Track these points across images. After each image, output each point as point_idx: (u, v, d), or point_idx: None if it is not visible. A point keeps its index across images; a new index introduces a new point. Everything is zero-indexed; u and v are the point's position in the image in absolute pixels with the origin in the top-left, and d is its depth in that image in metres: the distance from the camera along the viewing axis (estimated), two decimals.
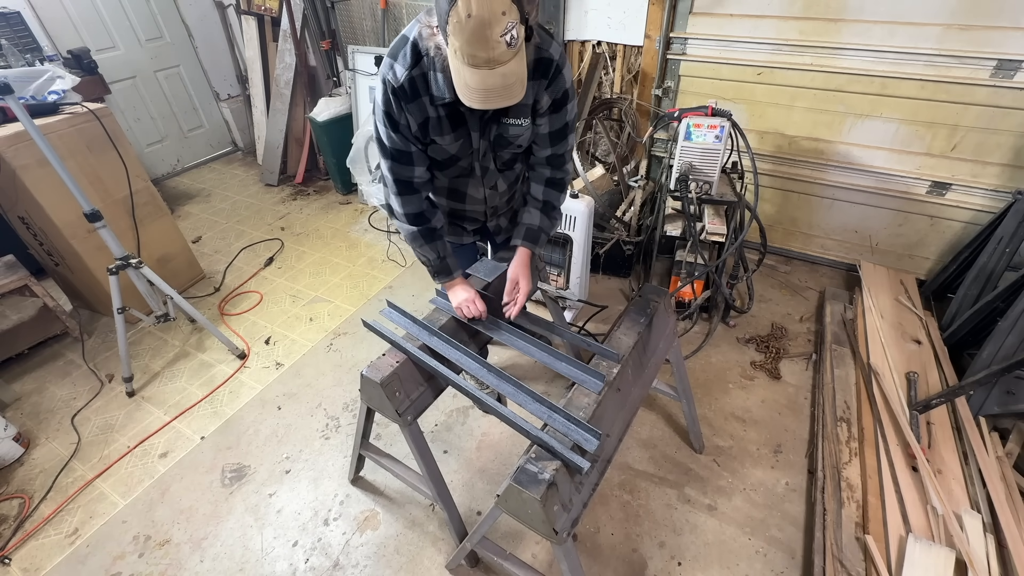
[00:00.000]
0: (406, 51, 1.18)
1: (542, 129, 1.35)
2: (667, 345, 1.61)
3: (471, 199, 1.53)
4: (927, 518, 1.60)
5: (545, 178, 1.48)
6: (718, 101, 2.37)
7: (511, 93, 1.05)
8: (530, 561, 1.66)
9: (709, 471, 1.94)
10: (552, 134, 1.37)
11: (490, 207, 1.57)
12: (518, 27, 0.98)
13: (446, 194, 1.53)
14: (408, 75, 1.18)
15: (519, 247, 1.52)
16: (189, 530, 1.82)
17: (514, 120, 1.30)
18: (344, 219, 3.73)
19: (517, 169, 1.54)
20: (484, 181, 1.47)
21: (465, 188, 1.50)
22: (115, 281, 2.18)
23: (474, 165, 1.41)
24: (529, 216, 1.52)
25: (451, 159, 1.36)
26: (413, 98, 1.22)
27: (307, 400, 2.30)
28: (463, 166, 1.40)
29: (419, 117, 1.25)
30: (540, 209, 1.51)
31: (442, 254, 1.47)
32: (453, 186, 1.50)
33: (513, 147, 1.37)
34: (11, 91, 1.72)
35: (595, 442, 1.11)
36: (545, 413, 1.21)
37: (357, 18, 3.63)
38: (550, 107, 1.31)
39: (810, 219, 2.91)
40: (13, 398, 2.36)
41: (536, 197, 1.51)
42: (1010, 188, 2.32)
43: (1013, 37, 2.06)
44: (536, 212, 1.51)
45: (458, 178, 1.47)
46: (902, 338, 2.25)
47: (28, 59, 2.80)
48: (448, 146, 1.31)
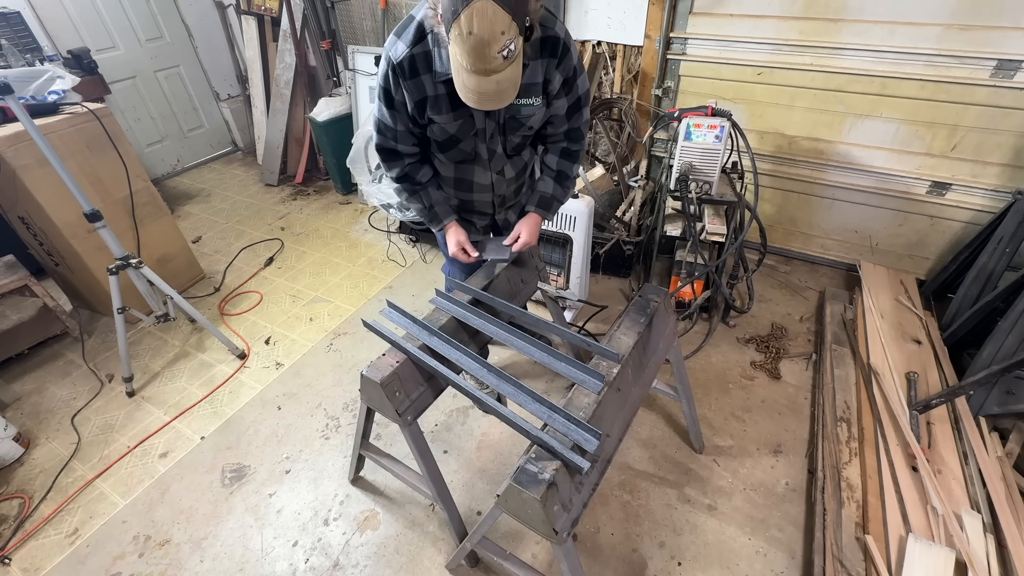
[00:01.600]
0: (410, 29, 1.22)
1: (559, 109, 1.40)
2: (667, 345, 1.61)
3: (478, 187, 1.54)
4: (927, 518, 1.60)
5: (561, 149, 1.52)
6: (718, 101, 2.37)
7: (503, 97, 1.11)
8: (530, 561, 1.66)
9: (709, 471, 1.94)
10: (569, 109, 1.41)
11: (497, 195, 1.59)
12: (516, 40, 1.02)
13: (453, 184, 1.55)
14: (409, 53, 1.21)
15: (531, 212, 1.59)
16: (189, 530, 1.82)
17: (525, 100, 1.33)
18: (344, 219, 3.73)
19: (525, 156, 1.56)
20: (491, 165, 1.48)
21: (471, 175, 1.51)
22: (115, 281, 2.18)
23: (479, 148, 1.42)
24: (543, 184, 1.58)
25: (452, 140, 1.37)
26: (412, 75, 1.24)
27: (307, 400, 2.30)
28: (465, 150, 1.42)
29: (416, 95, 1.27)
30: (554, 178, 1.56)
31: (428, 204, 1.54)
32: (459, 175, 1.51)
33: (525, 128, 1.40)
34: (11, 91, 1.71)
35: (595, 442, 1.11)
36: (545, 413, 1.21)
37: (357, 18, 3.63)
38: (563, 85, 1.35)
39: (810, 219, 2.91)
40: (13, 398, 2.36)
41: (551, 166, 1.56)
42: (1010, 188, 2.32)
43: (1013, 37, 2.06)
44: (550, 180, 1.57)
45: (463, 164, 1.48)
46: (902, 338, 2.25)
47: (28, 59, 2.80)
48: (447, 125, 1.33)
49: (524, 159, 1.56)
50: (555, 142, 1.52)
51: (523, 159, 1.56)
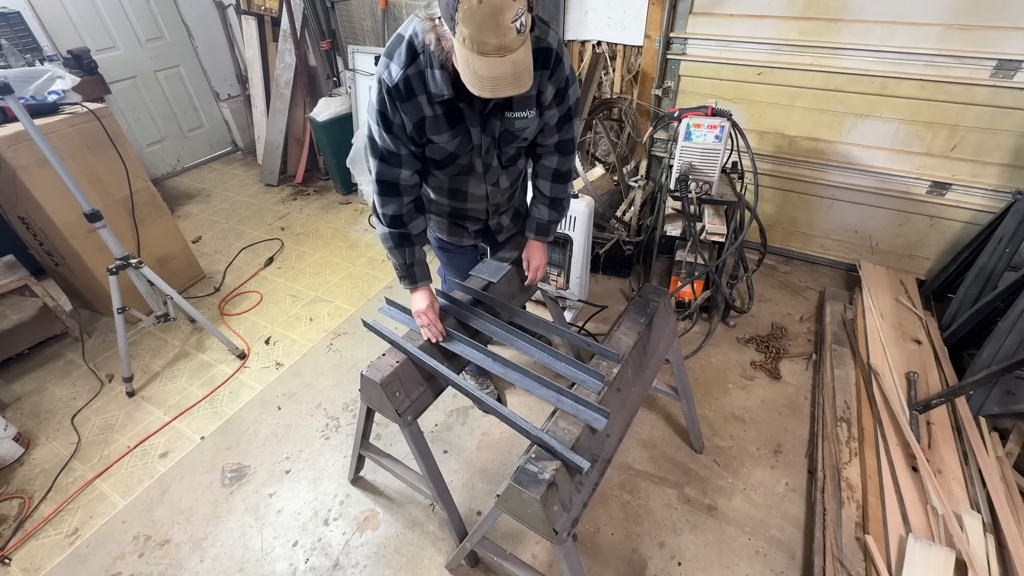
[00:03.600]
0: (401, 50, 1.18)
1: (551, 120, 1.39)
2: (667, 345, 1.61)
3: (472, 197, 1.53)
4: (927, 518, 1.60)
5: (552, 171, 1.52)
6: (718, 101, 2.37)
7: (520, 82, 1.05)
8: (530, 561, 1.66)
9: (709, 471, 1.94)
10: (560, 120, 1.41)
11: (492, 204, 1.58)
12: (526, 14, 1.00)
13: (447, 194, 1.53)
14: (403, 74, 1.18)
15: (531, 240, 1.63)
16: (189, 530, 1.82)
17: (519, 113, 1.31)
18: (344, 219, 3.73)
19: (520, 165, 1.56)
20: (486, 178, 1.47)
21: (466, 187, 1.49)
22: (115, 281, 2.18)
23: (474, 162, 1.41)
24: (538, 212, 1.60)
25: (449, 157, 1.36)
26: (408, 97, 1.21)
27: (307, 400, 2.30)
28: (462, 164, 1.40)
29: (414, 117, 1.24)
30: (548, 205, 1.58)
31: (409, 261, 1.47)
32: (454, 185, 1.50)
33: (519, 141, 1.39)
34: (11, 91, 1.72)
35: (603, 421, 1.12)
36: (554, 397, 1.22)
37: (357, 18, 3.63)
38: (555, 96, 1.33)
39: (810, 219, 2.91)
40: (13, 398, 2.36)
41: (544, 193, 1.57)
42: (1010, 188, 2.32)
43: (1013, 37, 2.06)
44: (544, 208, 1.58)
45: (458, 176, 1.46)
46: (902, 338, 2.25)
47: (28, 59, 2.80)
48: (446, 144, 1.31)
49: (519, 168, 1.56)
50: (547, 157, 1.50)
51: (518, 168, 1.56)
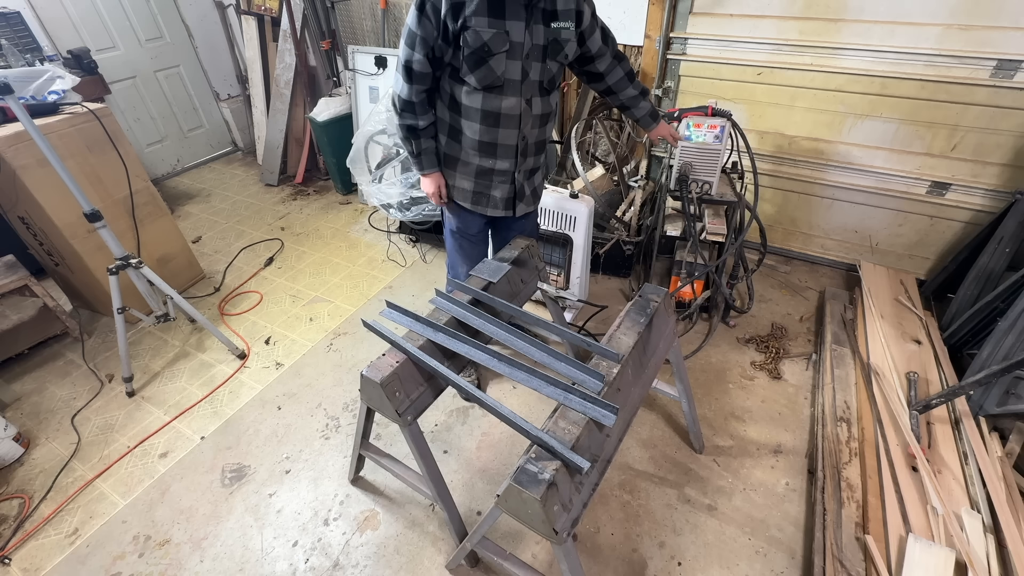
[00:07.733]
0: None
1: (599, 39, 1.64)
2: (667, 345, 1.61)
3: (505, 119, 1.58)
4: (927, 518, 1.60)
5: (625, 74, 1.77)
6: (718, 101, 2.37)
7: None
8: (530, 561, 1.66)
9: (709, 471, 1.94)
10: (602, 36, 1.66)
11: (522, 137, 1.63)
12: None
13: (479, 117, 1.57)
14: None
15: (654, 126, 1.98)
16: (189, 530, 1.82)
17: (564, 24, 1.48)
18: (344, 219, 3.73)
19: (552, 101, 1.65)
20: (522, 90, 1.53)
21: (499, 106, 1.54)
22: (115, 281, 2.18)
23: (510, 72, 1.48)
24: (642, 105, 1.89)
25: (483, 49, 1.41)
26: None
27: (307, 400, 2.30)
28: (496, 71, 1.46)
29: None
30: (642, 95, 1.87)
31: (417, 151, 1.67)
32: (487, 107, 1.54)
33: (563, 54, 1.52)
34: (11, 91, 1.71)
35: (612, 417, 1.12)
36: (560, 394, 1.22)
37: (357, 18, 3.63)
38: (592, 18, 1.58)
39: (810, 219, 2.91)
40: (13, 398, 2.36)
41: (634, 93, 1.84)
42: (1010, 188, 2.32)
43: (1013, 37, 2.06)
44: (644, 101, 1.89)
45: (491, 93, 1.52)
46: (902, 338, 2.25)
47: (28, 59, 2.80)
48: (482, 30, 1.39)
49: (551, 104, 1.66)
50: (612, 70, 1.73)
51: (550, 103, 1.65)
